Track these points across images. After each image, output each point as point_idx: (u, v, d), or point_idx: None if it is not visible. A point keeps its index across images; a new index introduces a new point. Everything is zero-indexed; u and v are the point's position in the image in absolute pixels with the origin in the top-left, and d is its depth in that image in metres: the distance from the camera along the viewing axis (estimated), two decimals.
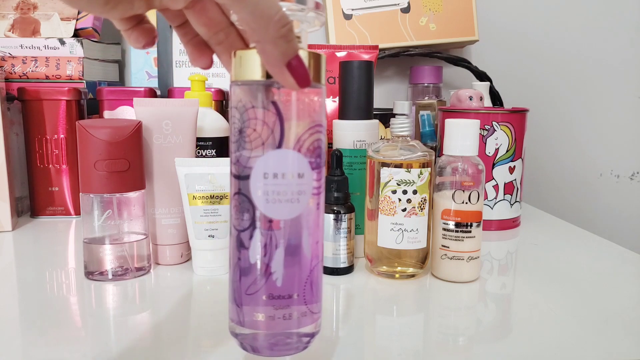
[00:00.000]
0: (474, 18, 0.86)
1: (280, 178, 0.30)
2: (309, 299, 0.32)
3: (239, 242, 0.31)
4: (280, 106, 0.29)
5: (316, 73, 0.30)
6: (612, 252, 0.60)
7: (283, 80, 0.28)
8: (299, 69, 0.28)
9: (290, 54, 0.27)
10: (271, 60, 0.27)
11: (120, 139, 0.48)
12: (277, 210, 0.30)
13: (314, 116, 0.30)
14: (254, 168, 0.30)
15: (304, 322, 0.32)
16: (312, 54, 0.29)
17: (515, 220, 0.70)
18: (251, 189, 0.30)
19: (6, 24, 0.78)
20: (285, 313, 0.31)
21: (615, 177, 1.05)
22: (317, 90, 0.30)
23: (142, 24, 0.31)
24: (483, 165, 0.49)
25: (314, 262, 0.32)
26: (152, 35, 0.32)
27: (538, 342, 0.38)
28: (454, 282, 0.50)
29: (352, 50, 0.68)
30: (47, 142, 0.72)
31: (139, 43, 0.31)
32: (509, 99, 0.98)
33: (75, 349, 0.36)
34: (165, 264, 0.54)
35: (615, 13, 1.00)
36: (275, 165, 0.30)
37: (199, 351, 0.36)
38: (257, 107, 0.29)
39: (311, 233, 0.31)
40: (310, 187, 0.31)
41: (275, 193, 0.30)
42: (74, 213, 0.74)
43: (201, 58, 0.32)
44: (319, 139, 0.31)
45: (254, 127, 0.30)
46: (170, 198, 0.52)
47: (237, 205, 0.31)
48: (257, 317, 0.31)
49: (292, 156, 0.30)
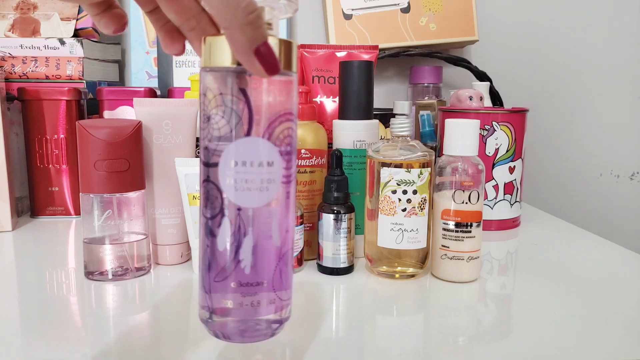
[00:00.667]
0: (474, 18, 0.86)
1: (249, 166, 0.29)
2: (278, 286, 0.32)
3: (207, 229, 0.31)
4: (249, 93, 0.29)
5: (287, 61, 0.29)
6: (612, 252, 0.60)
7: (251, 67, 0.27)
8: (267, 56, 0.27)
9: (258, 41, 0.27)
10: (239, 47, 0.27)
11: (120, 139, 0.48)
12: (246, 199, 0.30)
13: (284, 104, 0.30)
14: (223, 156, 0.29)
15: (272, 309, 0.32)
16: (282, 41, 0.29)
17: (515, 220, 0.70)
18: (219, 177, 0.30)
19: (6, 24, 0.78)
20: (253, 300, 0.31)
21: (615, 177, 1.05)
22: (287, 78, 0.30)
23: (112, 9, 0.31)
24: (483, 165, 0.49)
25: (283, 250, 0.32)
26: (122, 21, 0.31)
27: (538, 342, 0.38)
28: (454, 282, 0.50)
29: (352, 50, 0.68)
30: (47, 142, 0.72)
31: (109, 29, 0.31)
32: (509, 99, 0.98)
33: (75, 349, 0.36)
34: (165, 264, 0.54)
35: (615, 13, 1.00)
36: (244, 153, 0.29)
37: (199, 351, 0.36)
38: (226, 94, 0.29)
39: (280, 221, 0.31)
40: (279, 175, 0.30)
41: (243, 181, 0.29)
42: (74, 213, 0.74)
43: (173, 44, 0.32)
44: (290, 127, 0.31)
45: (222, 114, 0.29)
46: (170, 198, 0.52)
47: (205, 192, 0.31)
48: (226, 303, 0.31)
49: (261, 144, 0.29)
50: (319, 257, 0.52)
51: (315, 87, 0.68)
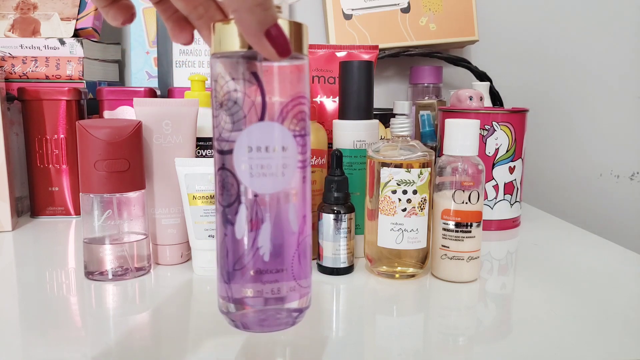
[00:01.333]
0: (474, 18, 0.86)
1: (264, 151, 0.29)
2: (298, 274, 0.32)
3: (224, 217, 0.31)
4: (261, 77, 0.29)
5: (298, 43, 0.29)
6: (612, 252, 0.60)
7: (262, 49, 0.27)
8: (278, 38, 0.27)
9: (268, 22, 0.26)
10: (249, 29, 0.26)
11: (120, 139, 0.48)
12: (262, 184, 0.29)
13: (296, 87, 0.30)
14: (237, 142, 0.29)
15: (293, 297, 0.32)
16: (292, 23, 0.28)
17: (515, 220, 0.70)
18: (234, 164, 0.29)
19: (6, 24, 0.78)
20: (273, 288, 0.31)
21: (615, 177, 1.05)
22: (299, 61, 0.30)
23: (120, 1, 0.31)
24: (483, 165, 0.49)
25: (301, 237, 0.32)
26: (130, 12, 0.31)
27: (538, 342, 0.38)
28: (454, 282, 0.50)
29: (352, 50, 0.68)
30: (47, 142, 0.72)
31: (117, 20, 0.31)
32: (509, 99, 0.98)
33: (75, 349, 0.36)
34: (165, 264, 0.54)
35: (615, 13, 1.00)
36: (258, 138, 0.29)
37: (199, 351, 0.36)
38: (238, 78, 0.29)
39: (297, 207, 0.31)
40: (295, 160, 0.30)
41: (259, 167, 0.29)
42: (74, 213, 0.74)
43: (182, 34, 0.32)
44: (303, 110, 0.30)
45: (235, 100, 0.29)
46: (170, 198, 0.52)
47: (221, 180, 0.30)
48: (246, 292, 0.31)
49: (275, 128, 0.29)
50: (319, 257, 0.52)
51: (315, 87, 0.68)
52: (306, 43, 0.30)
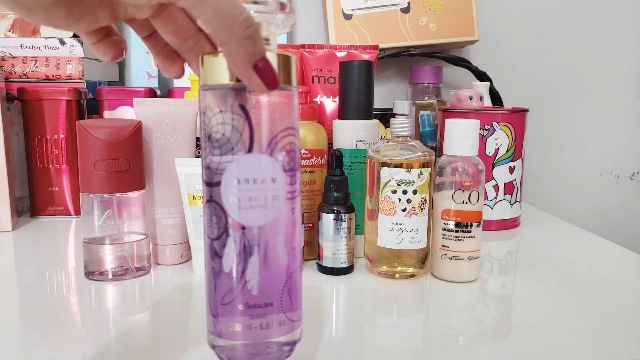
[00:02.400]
0: (474, 18, 0.86)
1: (252, 183, 0.29)
2: (287, 307, 0.31)
3: (212, 250, 0.30)
4: (249, 109, 0.29)
5: (286, 75, 0.29)
6: (612, 252, 0.60)
7: (250, 82, 0.27)
8: (266, 71, 0.27)
9: (256, 55, 0.26)
10: (237, 61, 0.26)
11: (120, 139, 0.48)
12: (250, 217, 0.29)
13: (285, 119, 0.30)
14: (225, 174, 0.29)
15: (283, 331, 0.31)
16: (281, 56, 0.29)
17: (515, 220, 0.70)
18: (222, 196, 0.29)
19: (6, 24, 0.78)
20: (262, 322, 0.30)
21: (615, 177, 1.05)
22: (287, 93, 0.30)
23: (110, 37, 0.31)
24: (483, 165, 0.49)
25: (291, 269, 0.31)
26: (120, 47, 0.31)
27: (538, 342, 0.38)
28: (454, 282, 0.50)
29: (352, 50, 0.68)
30: (47, 142, 0.72)
31: (107, 56, 0.31)
32: (509, 99, 0.98)
33: (75, 349, 0.36)
34: (165, 264, 0.54)
35: (615, 13, 1.00)
36: (247, 170, 0.29)
37: (199, 351, 0.36)
38: (226, 111, 0.29)
39: (287, 239, 0.31)
40: (283, 191, 0.30)
41: (247, 199, 0.29)
42: (74, 213, 0.74)
43: (172, 67, 0.32)
44: (292, 142, 0.30)
45: (223, 132, 0.29)
46: (170, 198, 0.52)
47: (209, 212, 0.30)
48: (234, 327, 0.30)
49: (263, 160, 0.29)
50: (319, 257, 0.52)
51: (315, 87, 0.68)
52: (294, 74, 0.30)
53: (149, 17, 0.29)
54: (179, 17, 0.29)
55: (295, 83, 0.30)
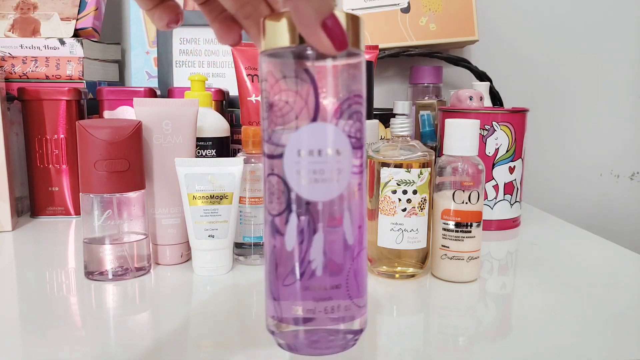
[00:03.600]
0: (474, 18, 0.86)
1: (317, 155, 0.27)
2: (353, 291, 0.29)
3: (273, 228, 0.28)
4: (314, 74, 0.27)
5: (355, 37, 0.27)
6: (612, 252, 0.60)
7: (317, 42, 0.25)
8: (335, 29, 0.25)
9: (325, 12, 0.24)
10: (304, 19, 0.24)
11: (120, 139, 0.48)
12: (314, 191, 0.27)
13: (352, 85, 0.28)
14: (287, 145, 0.27)
15: (349, 317, 0.29)
16: (349, 15, 0.26)
17: (515, 220, 0.70)
18: (285, 169, 0.27)
19: (6, 24, 0.78)
20: (327, 306, 0.28)
21: (615, 177, 1.05)
22: (355, 56, 0.28)
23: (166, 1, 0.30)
24: (483, 165, 0.49)
25: (357, 250, 0.29)
26: (176, 12, 0.30)
27: (538, 342, 0.38)
28: (454, 282, 0.50)
29: None
30: (47, 142, 0.72)
31: (162, 21, 0.30)
32: (509, 99, 0.98)
33: (75, 349, 0.36)
34: (165, 264, 0.54)
35: (615, 13, 1.00)
36: (311, 141, 0.27)
37: (199, 351, 0.36)
38: (289, 76, 0.27)
39: (353, 217, 0.28)
40: (349, 165, 0.28)
41: (311, 172, 0.27)
42: (74, 213, 0.74)
43: (229, 34, 0.31)
44: (359, 111, 0.28)
45: (286, 100, 0.27)
46: (170, 198, 0.52)
47: (270, 187, 0.28)
48: (297, 311, 0.28)
49: (328, 130, 0.27)
50: None
51: None
52: (362, 37, 0.28)
53: None
54: None
55: (364, 47, 0.28)
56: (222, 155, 0.60)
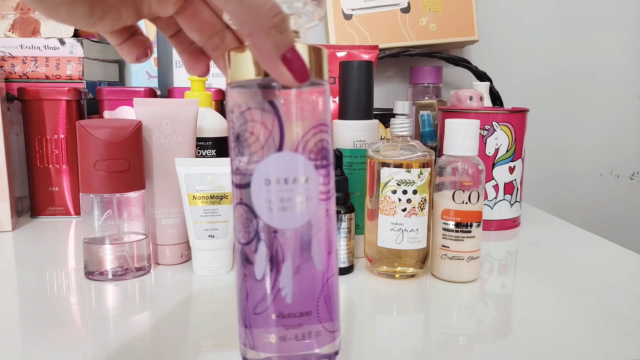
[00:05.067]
0: (474, 18, 0.86)
1: (283, 183, 0.27)
2: (324, 316, 0.29)
3: (243, 256, 0.29)
4: (278, 105, 0.27)
5: (317, 68, 0.27)
6: (612, 252, 0.60)
7: (279, 75, 0.26)
8: (295, 62, 0.25)
9: (284, 46, 0.25)
10: (264, 52, 0.25)
11: (120, 139, 0.48)
12: (282, 219, 0.28)
13: (316, 115, 0.28)
14: (255, 174, 0.27)
15: (320, 342, 0.29)
16: (311, 47, 0.27)
17: (515, 220, 0.70)
18: (253, 198, 0.28)
19: (6, 24, 0.78)
20: (298, 333, 0.29)
21: (615, 177, 1.05)
22: (318, 87, 0.28)
23: (135, 36, 0.30)
24: (483, 165, 0.49)
25: (327, 275, 0.29)
26: (145, 46, 0.30)
27: (538, 342, 0.38)
28: (454, 282, 0.50)
29: (352, 50, 0.68)
30: (47, 142, 0.72)
31: (131, 55, 0.30)
32: (509, 99, 0.98)
33: (75, 349, 0.36)
34: (165, 264, 0.54)
35: (615, 13, 1.00)
36: (277, 170, 0.27)
37: (199, 351, 0.36)
38: (254, 108, 0.27)
39: (322, 243, 0.29)
40: (317, 192, 0.28)
41: (278, 200, 0.27)
42: (74, 213, 0.74)
43: (197, 65, 0.31)
44: (324, 139, 0.29)
45: (252, 130, 0.27)
46: (170, 198, 0.52)
47: (240, 216, 0.29)
48: (269, 338, 0.29)
49: (294, 159, 0.27)
50: None
51: None
52: (326, 68, 0.28)
53: (174, 14, 0.29)
54: (203, 12, 0.29)
55: (327, 77, 0.29)
56: (222, 155, 0.60)
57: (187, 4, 0.28)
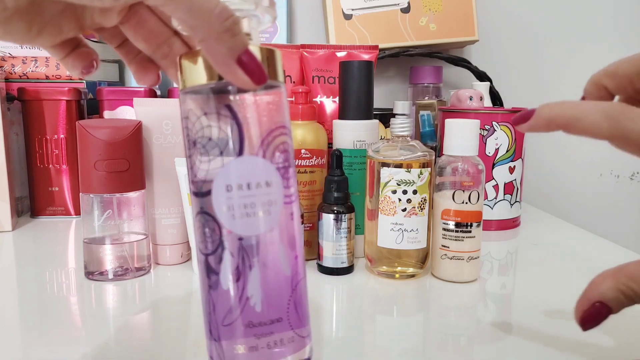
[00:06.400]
0: (474, 18, 0.86)
1: (245, 189, 0.26)
2: (295, 322, 0.29)
3: (207, 267, 0.28)
4: (235, 109, 0.26)
5: (272, 69, 0.27)
6: (612, 252, 0.60)
7: (235, 78, 0.25)
8: (251, 64, 0.25)
9: (238, 49, 0.24)
10: (218, 58, 0.24)
11: (120, 139, 0.48)
12: (246, 226, 0.27)
13: (275, 117, 0.28)
14: (215, 181, 0.26)
15: (292, 349, 0.29)
16: (265, 49, 0.26)
17: (515, 220, 0.70)
18: (214, 205, 0.27)
19: None
20: (269, 341, 0.28)
21: (615, 177, 1.05)
22: (275, 88, 0.28)
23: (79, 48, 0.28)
24: (483, 165, 0.49)
25: (295, 280, 0.29)
26: (90, 58, 0.29)
27: (538, 342, 0.38)
28: (454, 282, 0.50)
29: (352, 50, 0.68)
30: (47, 142, 0.72)
31: (76, 69, 0.29)
32: (509, 99, 0.98)
33: (75, 349, 0.36)
34: (165, 264, 0.54)
35: (615, 13, 1.00)
36: (239, 175, 0.26)
37: (199, 351, 0.36)
38: (210, 112, 0.26)
39: (288, 248, 0.28)
40: (280, 195, 0.27)
41: (241, 206, 0.26)
42: (74, 213, 0.74)
43: (147, 75, 0.30)
44: (285, 141, 0.28)
45: (210, 136, 0.26)
46: (170, 198, 0.52)
47: (201, 226, 0.28)
48: (238, 350, 0.28)
49: (255, 163, 0.27)
50: (319, 257, 0.52)
51: (315, 87, 0.68)
52: (281, 69, 0.28)
53: (118, 23, 0.27)
54: (150, 21, 0.27)
55: (283, 78, 0.28)
56: None
57: (131, 13, 0.27)
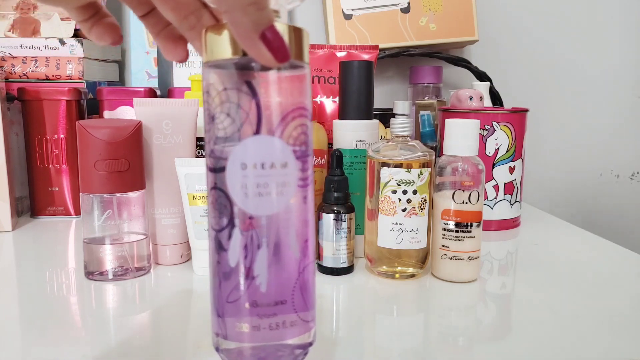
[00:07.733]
0: (474, 18, 0.86)
1: (260, 168, 0.26)
2: (299, 306, 0.29)
3: (217, 243, 0.28)
4: (256, 86, 0.26)
5: (298, 49, 0.26)
6: (612, 252, 0.60)
7: (257, 54, 0.24)
8: (275, 41, 0.24)
9: (263, 23, 0.24)
10: (242, 30, 0.24)
11: (120, 139, 0.48)
12: (258, 206, 0.27)
13: (296, 97, 0.27)
14: (230, 158, 0.26)
15: (295, 332, 0.28)
16: (292, 28, 0.26)
17: (515, 220, 0.70)
18: (228, 183, 0.26)
19: (6, 24, 0.78)
20: (272, 322, 0.28)
21: (615, 177, 1.05)
22: (299, 69, 0.27)
23: (104, 19, 0.29)
24: (483, 165, 0.49)
25: (303, 264, 0.29)
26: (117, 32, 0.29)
27: (538, 342, 0.38)
28: (454, 282, 0.50)
29: (352, 50, 0.68)
30: (47, 142, 0.72)
31: (104, 41, 0.29)
32: (509, 99, 0.98)
33: (75, 349, 0.36)
34: (165, 264, 0.54)
35: (615, 13, 1.00)
36: (254, 154, 0.26)
37: (199, 351, 0.36)
38: (230, 88, 0.26)
39: (298, 230, 0.28)
40: (294, 177, 0.27)
41: (254, 186, 0.26)
42: (74, 213, 0.74)
43: (175, 50, 0.30)
44: (304, 123, 0.28)
45: (228, 112, 0.26)
46: (170, 198, 0.52)
47: (213, 201, 0.28)
48: (241, 328, 0.28)
49: (272, 143, 0.26)
50: (319, 257, 0.52)
51: (315, 87, 0.68)
52: (307, 49, 0.27)
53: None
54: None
55: (308, 60, 0.28)
56: None
57: None
